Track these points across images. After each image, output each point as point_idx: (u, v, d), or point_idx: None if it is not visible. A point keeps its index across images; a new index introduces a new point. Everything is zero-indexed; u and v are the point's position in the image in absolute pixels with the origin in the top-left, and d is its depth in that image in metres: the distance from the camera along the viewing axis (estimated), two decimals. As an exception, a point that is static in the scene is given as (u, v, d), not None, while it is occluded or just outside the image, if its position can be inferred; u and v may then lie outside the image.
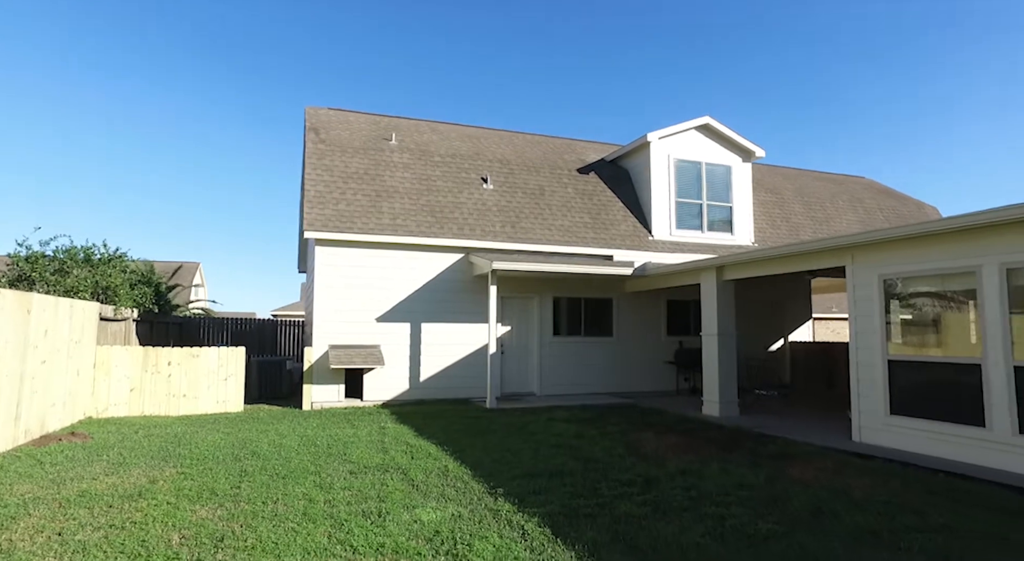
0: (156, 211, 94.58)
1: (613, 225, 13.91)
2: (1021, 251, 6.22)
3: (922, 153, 72.12)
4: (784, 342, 15.99)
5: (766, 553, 4.06)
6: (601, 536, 4.35)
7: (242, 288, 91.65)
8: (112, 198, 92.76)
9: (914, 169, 68.52)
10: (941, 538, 4.33)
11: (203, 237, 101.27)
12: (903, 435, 7.29)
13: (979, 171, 70.31)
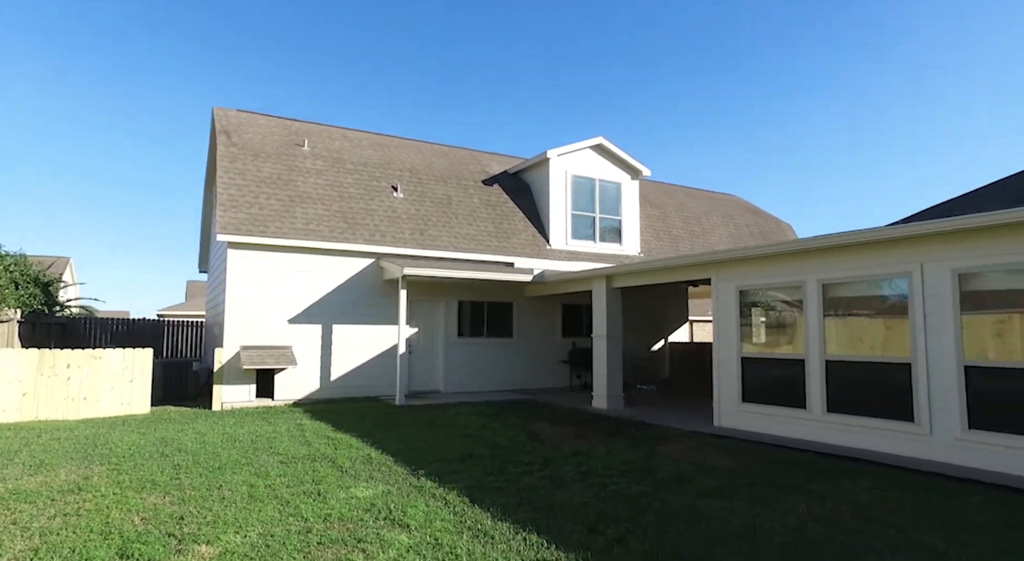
0: (14, 202, 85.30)
1: (515, 234, 15.04)
2: (832, 270, 7.93)
3: (784, 170, 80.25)
4: (664, 342, 17.91)
5: (635, 505, 5.24)
6: (510, 501, 5.35)
7: (115, 287, 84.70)
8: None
9: (769, 184, 76.10)
10: (762, 490, 5.72)
11: (69, 231, 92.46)
12: (752, 418, 8.89)
13: (832, 184, 79.29)
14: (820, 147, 76.81)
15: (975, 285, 6.64)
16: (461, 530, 4.60)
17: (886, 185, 78.14)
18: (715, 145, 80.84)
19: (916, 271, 7.05)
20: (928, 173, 73.87)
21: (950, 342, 6.71)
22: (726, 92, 71.49)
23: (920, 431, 6.89)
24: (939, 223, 6.79)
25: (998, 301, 6.49)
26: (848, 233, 7.68)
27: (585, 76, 72.13)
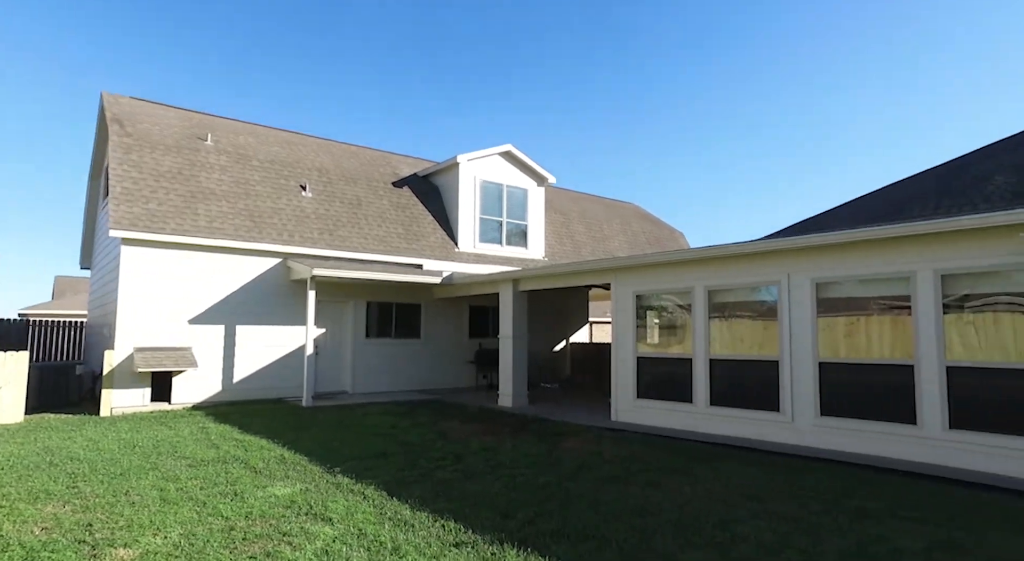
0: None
1: (424, 237, 15.27)
2: (717, 278, 8.88)
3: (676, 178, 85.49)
4: (566, 343, 18.78)
5: (542, 493, 5.73)
6: (426, 493, 5.68)
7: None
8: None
9: (665, 190, 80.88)
10: (654, 475, 6.41)
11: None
12: (646, 413, 9.70)
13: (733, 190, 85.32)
14: (716, 153, 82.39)
15: (829, 293, 7.74)
16: (382, 521, 4.88)
17: (781, 191, 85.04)
18: (616, 152, 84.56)
19: (784, 280, 8.09)
20: (821, 180, 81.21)
21: (809, 342, 7.77)
22: (626, 99, 74.98)
23: (784, 419, 7.92)
24: (802, 239, 7.84)
25: (847, 306, 7.61)
26: (729, 246, 8.64)
27: (492, 80, 73.16)
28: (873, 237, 7.16)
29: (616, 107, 75.44)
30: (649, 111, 74.84)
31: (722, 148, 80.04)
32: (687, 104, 72.90)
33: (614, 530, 4.66)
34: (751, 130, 76.18)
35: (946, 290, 6.77)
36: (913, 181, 13.71)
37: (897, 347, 7.10)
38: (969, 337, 6.62)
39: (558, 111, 77.48)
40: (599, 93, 73.83)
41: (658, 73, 67.77)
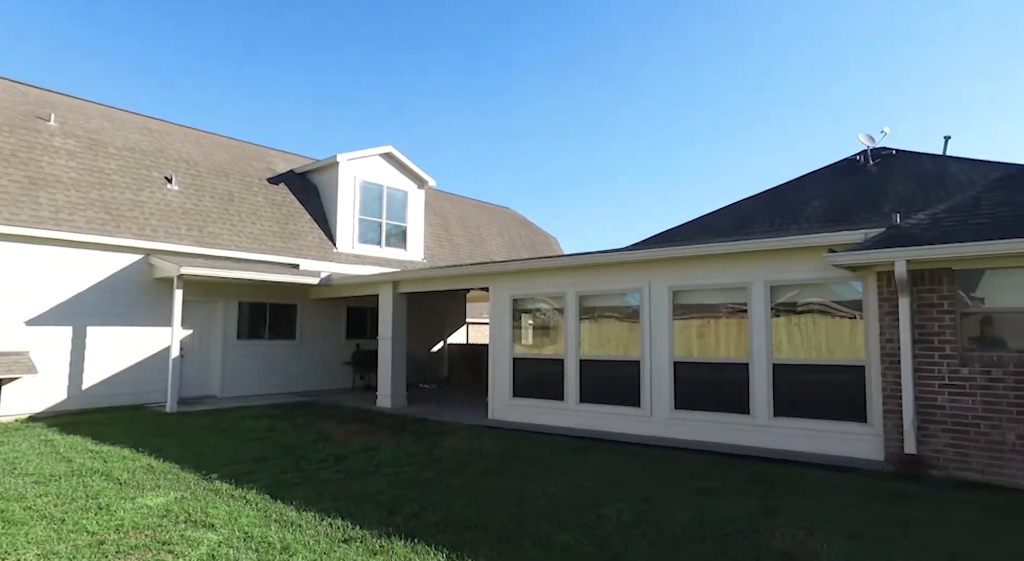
0: None
1: (301, 236, 14.89)
2: (587, 284, 9.64)
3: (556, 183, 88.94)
4: (444, 343, 19.09)
5: (425, 488, 6.03)
6: (311, 494, 5.75)
7: None
8: None
9: (540, 194, 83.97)
10: (528, 468, 6.93)
11: None
12: (521, 411, 10.27)
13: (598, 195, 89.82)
14: (590, 158, 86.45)
15: (684, 299, 8.74)
16: (268, 523, 4.92)
17: (654, 197, 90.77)
18: (494, 156, 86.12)
19: (646, 287, 8.99)
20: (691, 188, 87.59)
21: (666, 343, 8.72)
22: (505, 105, 76.68)
23: (644, 413, 8.82)
24: (661, 252, 8.78)
25: (699, 311, 8.63)
26: (599, 255, 9.44)
27: (376, 82, 71.60)
28: (718, 252, 8.22)
29: (496, 112, 76.91)
30: (528, 116, 77.09)
31: (596, 153, 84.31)
32: (565, 110, 76.00)
33: (493, 519, 5.06)
34: (625, 136, 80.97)
35: (774, 299, 7.94)
36: (756, 199, 15.59)
37: (737, 347, 8.20)
38: (790, 339, 7.82)
39: (438, 114, 77.54)
40: (479, 97, 74.86)
41: (538, 82, 70.04)
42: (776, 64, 66.47)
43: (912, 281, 6.75)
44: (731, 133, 79.17)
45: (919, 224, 7.10)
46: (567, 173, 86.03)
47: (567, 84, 70.82)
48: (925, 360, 6.71)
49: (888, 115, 72.82)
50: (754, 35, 61.66)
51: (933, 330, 6.69)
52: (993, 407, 6.29)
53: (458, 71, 70.36)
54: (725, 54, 64.47)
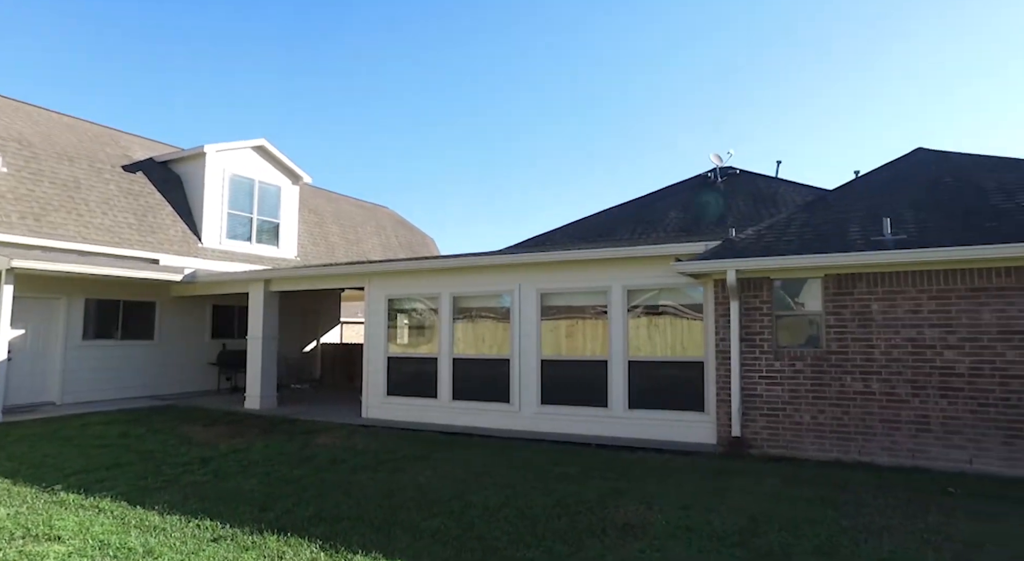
0: None
1: (161, 229, 13.96)
2: (462, 286, 10.03)
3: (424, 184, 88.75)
4: (317, 343, 18.66)
5: (298, 485, 6.10)
6: (175, 497, 5.62)
7: None
8: None
9: (418, 194, 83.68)
10: (401, 463, 7.18)
11: None
12: (395, 409, 10.43)
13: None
14: (467, 159, 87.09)
15: (551, 301, 9.39)
16: (127, 529, 4.79)
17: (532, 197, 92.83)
18: (372, 155, 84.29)
19: (516, 289, 9.54)
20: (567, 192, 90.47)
21: (534, 342, 9.32)
22: (383, 99, 75.38)
23: (513, 409, 9.36)
24: (530, 256, 9.38)
25: (565, 313, 9.32)
26: (473, 257, 9.87)
27: (247, 71, 67.28)
28: (582, 258, 8.96)
29: (378, 113, 75.38)
30: (403, 113, 76.33)
31: (473, 154, 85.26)
32: (447, 110, 76.09)
33: (366, 510, 5.29)
34: (501, 143, 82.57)
35: (631, 301, 8.79)
36: (622, 208, 16.84)
37: (598, 346, 8.97)
38: (645, 338, 8.71)
39: (312, 109, 74.58)
40: (360, 96, 73.00)
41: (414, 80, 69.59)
42: (640, 80, 71.10)
43: (741, 288, 7.83)
44: (602, 142, 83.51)
45: (747, 238, 8.23)
46: (445, 173, 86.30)
47: (461, 89, 71.09)
48: (749, 355, 7.81)
49: (736, 136, 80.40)
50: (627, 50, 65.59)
51: (755, 330, 7.81)
52: (796, 394, 7.49)
53: (337, 68, 68.16)
54: (582, 65, 67.96)
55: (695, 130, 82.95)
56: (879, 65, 62.77)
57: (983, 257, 6.63)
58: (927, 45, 58.61)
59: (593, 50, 64.81)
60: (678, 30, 61.54)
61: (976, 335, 6.78)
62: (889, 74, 65.33)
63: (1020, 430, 6.56)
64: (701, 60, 67.54)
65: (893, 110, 72.08)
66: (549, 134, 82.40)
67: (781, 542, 4.48)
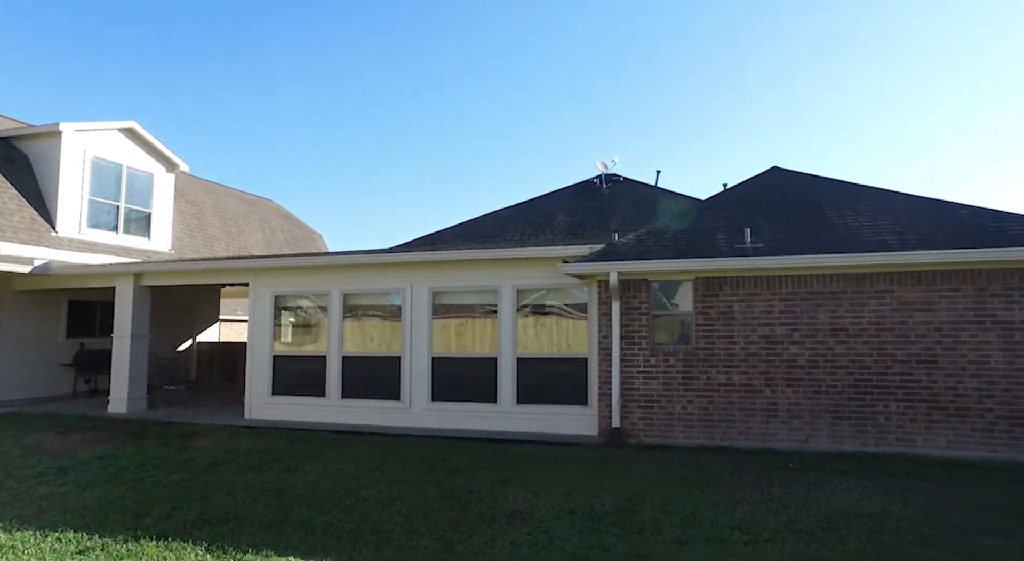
0: None
1: (5, 215, 12.51)
2: (352, 283, 9.91)
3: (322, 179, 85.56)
4: (193, 342, 17.49)
5: (177, 489, 5.83)
6: (27, 511, 5.19)
7: None
8: None
9: (303, 188, 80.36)
10: (289, 463, 7.04)
11: None
12: (281, 409, 10.10)
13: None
14: (357, 153, 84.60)
15: (443, 300, 9.54)
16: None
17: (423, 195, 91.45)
18: (258, 146, 79.75)
19: (408, 288, 9.59)
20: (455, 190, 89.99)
21: (426, 340, 9.43)
22: (269, 91, 71.59)
23: (404, 406, 9.42)
24: (422, 255, 9.49)
25: (456, 311, 9.50)
26: (365, 254, 9.81)
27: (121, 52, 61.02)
28: (473, 257, 9.20)
29: (266, 106, 71.39)
30: (293, 112, 73.00)
31: (360, 151, 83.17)
32: (332, 102, 73.58)
33: (254, 510, 5.18)
34: (393, 140, 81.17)
35: (520, 300, 9.15)
36: (512, 209, 17.29)
37: (488, 343, 9.24)
38: (533, 336, 9.10)
39: (199, 99, 69.26)
40: (246, 88, 68.79)
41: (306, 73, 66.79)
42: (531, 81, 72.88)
43: (622, 289, 8.41)
44: (491, 142, 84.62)
45: (628, 243, 8.86)
46: (333, 170, 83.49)
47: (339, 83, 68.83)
48: (628, 352, 8.41)
49: (621, 145, 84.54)
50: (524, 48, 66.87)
51: (634, 328, 8.43)
52: (669, 387, 8.19)
53: (222, 57, 63.78)
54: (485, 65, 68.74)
55: (580, 138, 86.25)
56: (745, 84, 68.66)
57: (818, 265, 7.64)
58: (785, 67, 64.95)
59: (484, 52, 65.52)
60: (565, 42, 63.71)
61: (814, 332, 7.79)
62: (752, 94, 71.64)
63: (842, 412, 7.64)
64: (586, 74, 70.38)
65: (756, 127, 79.07)
66: (434, 133, 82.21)
67: (653, 518, 4.95)
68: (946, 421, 7.36)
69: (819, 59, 61.72)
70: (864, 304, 7.69)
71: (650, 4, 56.17)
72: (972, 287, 7.39)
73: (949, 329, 7.44)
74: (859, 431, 7.59)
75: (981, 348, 7.32)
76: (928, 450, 7.31)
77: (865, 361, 7.63)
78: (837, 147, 77.36)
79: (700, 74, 67.76)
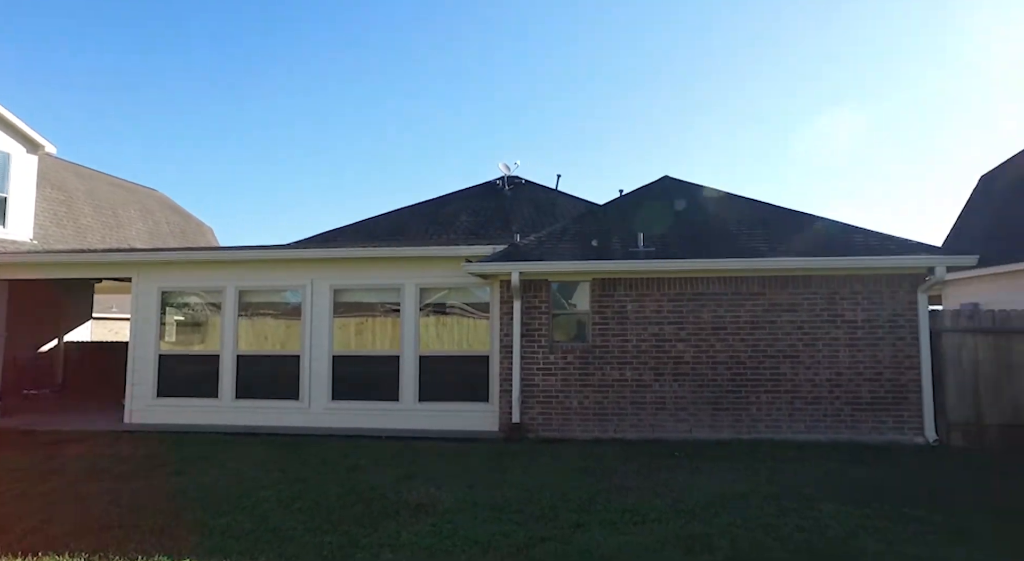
0: None
1: None
2: (249, 279, 9.54)
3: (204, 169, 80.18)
4: (59, 342, 15.96)
5: (46, 500, 5.42)
6: None
7: None
8: None
9: (192, 179, 75.14)
10: (178, 465, 6.72)
11: None
12: (168, 411, 9.50)
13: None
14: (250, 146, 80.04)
15: (345, 298, 9.42)
16: None
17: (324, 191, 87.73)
18: (134, 132, 73.40)
19: (309, 284, 9.39)
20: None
21: (326, 338, 9.27)
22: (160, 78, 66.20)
23: (303, 406, 9.20)
24: (324, 251, 9.36)
25: (358, 309, 9.42)
26: (263, 250, 9.49)
27: None
28: (376, 255, 9.17)
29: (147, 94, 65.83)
30: (181, 99, 68.03)
31: (251, 144, 79.06)
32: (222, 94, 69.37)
33: (143, 516, 4.93)
34: (286, 134, 77.72)
35: (423, 299, 9.22)
36: (415, 208, 17.22)
37: (390, 342, 9.23)
38: (436, 334, 9.20)
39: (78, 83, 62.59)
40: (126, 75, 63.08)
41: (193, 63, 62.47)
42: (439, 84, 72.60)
43: (523, 289, 8.71)
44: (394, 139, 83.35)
45: (530, 244, 9.19)
46: (224, 162, 78.72)
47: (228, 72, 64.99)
48: (529, 350, 8.73)
49: (527, 146, 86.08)
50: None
51: (534, 327, 8.76)
52: (567, 383, 8.60)
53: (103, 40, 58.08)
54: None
55: (483, 140, 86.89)
56: (640, 93, 72.10)
57: (702, 269, 8.35)
58: (671, 80, 68.92)
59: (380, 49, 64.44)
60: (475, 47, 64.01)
61: (698, 330, 8.48)
62: (644, 103, 75.34)
63: (722, 404, 8.38)
64: (494, 79, 71.10)
65: (652, 134, 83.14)
66: (331, 132, 79.77)
67: (552, 506, 5.23)
68: (805, 409, 8.28)
69: (710, 71, 66.05)
70: (741, 305, 8.48)
71: (554, 7, 57.67)
72: (827, 290, 8.37)
73: (809, 327, 8.37)
74: (735, 420, 8.35)
75: (832, 344, 8.30)
76: (791, 435, 8.19)
77: (741, 357, 8.42)
78: (724, 157, 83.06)
79: (597, 80, 70.40)
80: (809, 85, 64.06)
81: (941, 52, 60.29)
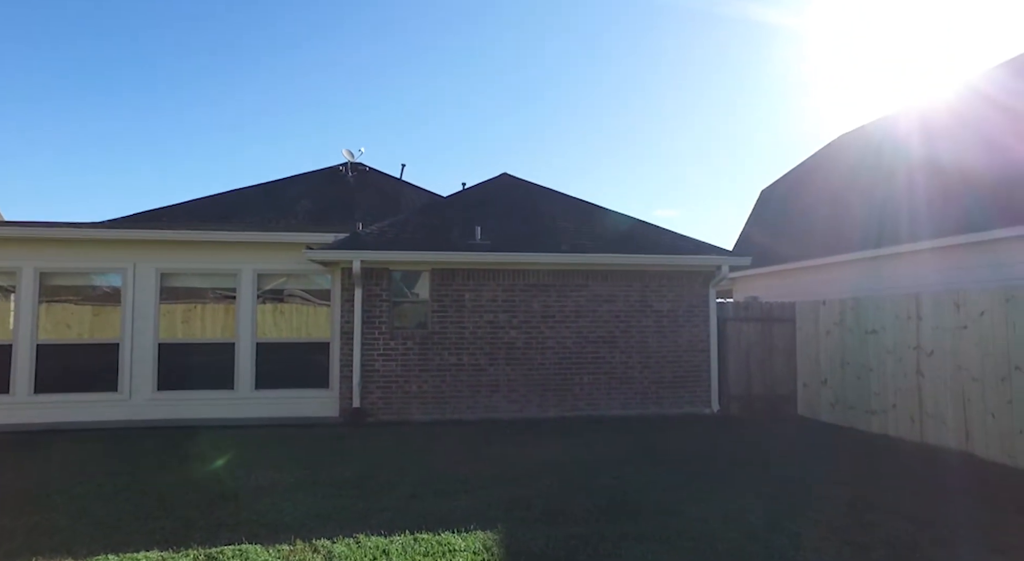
0: None
1: None
2: (53, 260, 8.61)
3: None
4: None
5: None
6: None
7: None
8: None
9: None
10: (33, 474, 6.02)
11: None
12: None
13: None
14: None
15: (173, 282, 8.89)
16: None
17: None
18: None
19: (131, 267, 8.72)
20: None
21: (151, 325, 8.69)
22: None
23: (123, 398, 8.56)
24: (151, 233, 8.74)
25: (188, 294, 8.93)
26: (73, 228, 8.62)
27: None
28: (211, 239, 8.79)
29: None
30: None
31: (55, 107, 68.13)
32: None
33: (-70, 520, 4.46)
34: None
35: (262, 285, 9.01)
36: (249, 191, 16.31)
37: (225, 329, 8.90)
38: (274, 321, 9.04)
39: None
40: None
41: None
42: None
43: (365, 277, 8.87)
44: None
45: (372, 233, 9.36)
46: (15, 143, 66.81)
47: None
48: (369, 336, 8.93)
49: (367, 135, 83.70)
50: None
51: (376, 314, 8.98)
52: (407, 368, 8.95)
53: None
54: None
55: (327, 125, 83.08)
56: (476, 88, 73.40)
57: (534, 262, 9.15)
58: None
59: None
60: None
61: (529, 318, 9.28)
62: (484, 105, 77.03)
63: (549, 386, 9.28)
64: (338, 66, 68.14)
65: (503, 134, 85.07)
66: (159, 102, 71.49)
67: (389, 481, 5.58)
68: (620, 388, 9.44)
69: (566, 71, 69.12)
70: (568, 296, 9.41)
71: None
72: (640, 283, 9.59)
73: (625, 316, 9.54)
74: (561, 400, 9.28)
75: (644, 331, 9.55)
76: (609, 412, 9.30)
77: (567, 343, 9.35)
78: (561, 156, 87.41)
79: (443, 69, 70.60)
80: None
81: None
